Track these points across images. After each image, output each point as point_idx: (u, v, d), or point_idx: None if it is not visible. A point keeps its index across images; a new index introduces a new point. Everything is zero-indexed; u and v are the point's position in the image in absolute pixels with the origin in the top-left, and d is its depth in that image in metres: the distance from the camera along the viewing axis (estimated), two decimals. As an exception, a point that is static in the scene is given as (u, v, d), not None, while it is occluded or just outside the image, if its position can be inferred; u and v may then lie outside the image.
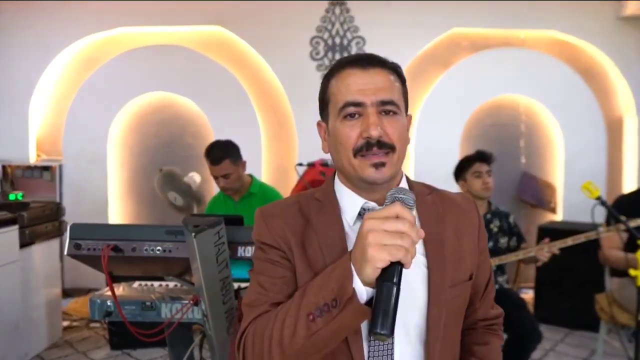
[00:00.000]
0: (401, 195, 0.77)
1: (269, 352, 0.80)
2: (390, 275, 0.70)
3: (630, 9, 4.17)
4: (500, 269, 2.52)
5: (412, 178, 3.47)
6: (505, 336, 2.36)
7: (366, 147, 0.87)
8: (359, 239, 0.73)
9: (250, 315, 0.87)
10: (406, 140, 0.96)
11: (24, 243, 2.90)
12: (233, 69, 4.39)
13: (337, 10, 4.33)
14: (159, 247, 1.69)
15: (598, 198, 2.17)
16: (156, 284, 2.17)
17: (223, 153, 2.51)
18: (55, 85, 4.50)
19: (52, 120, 4.50)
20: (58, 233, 3.32)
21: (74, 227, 1.73)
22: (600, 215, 2.38)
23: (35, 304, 3.08)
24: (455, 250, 0.94)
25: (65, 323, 3.57)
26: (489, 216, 2.55)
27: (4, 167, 4.13)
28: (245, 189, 2.62)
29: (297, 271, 0.89)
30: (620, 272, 2.47)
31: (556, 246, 2.36)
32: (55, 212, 3.28)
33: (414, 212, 0.78)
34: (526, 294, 4.09)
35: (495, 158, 2.66)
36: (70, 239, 1.72)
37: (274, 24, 4.31)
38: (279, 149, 4.39)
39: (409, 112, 0.99)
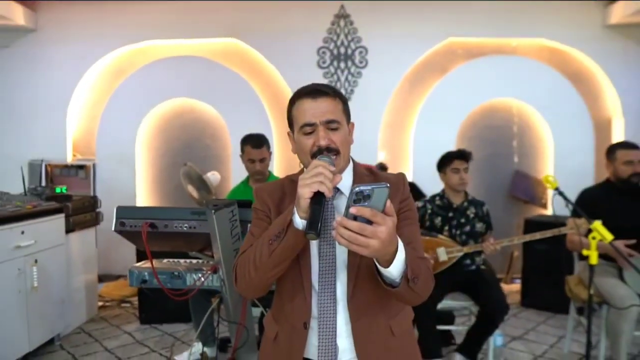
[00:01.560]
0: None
1: (248, 270, 1.18)
2: (316, 201, 1.05)
3: (615, 17, 4.47)
4: (477, 253, 2.86)
5: (410, 175, 3.95)
6: (477, 309, 2.73)
7: (318, 152, 1.21)
8: (297, 191, 1.08)
9: (240, 252, 1.27)
10: (348, 143, 1.28)
11: (68, 230, 3.35)
12: (247, 76, 4.81)
13: (342, 23, 4.73)
14: (185, 224, 2.11)
15: (556, 189, 2.51)
16: (181, 260, 2.57)
17: (263, 141, 2.94)
18: (89, 93, 4.98)
19: (87, 124, 4.98)
20: (94, 222, 3.77)
21: (119, 208, 2.18)
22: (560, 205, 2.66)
23: (76, 283, 3.53)
24: None
25: (99, 303, 4.02)
26: (465, 204, 2.90)
27: (45, 165, 4.60)
28: (264, 180, 3.03)
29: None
30: (586, 256, 2.80)
31: (500, 244, 2.72)
32: (92, 204, 3.74)
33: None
34: (516, 283, 4.41)
35: (473, 157, 2.94)
36: (117, 218, 2.16)
37: (284, 35, 4.71)
38: (289, 148, 4.78)
39: (351, 121, 1.31)
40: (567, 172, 4.35)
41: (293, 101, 1.26)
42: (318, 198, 1.03)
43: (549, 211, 4.64)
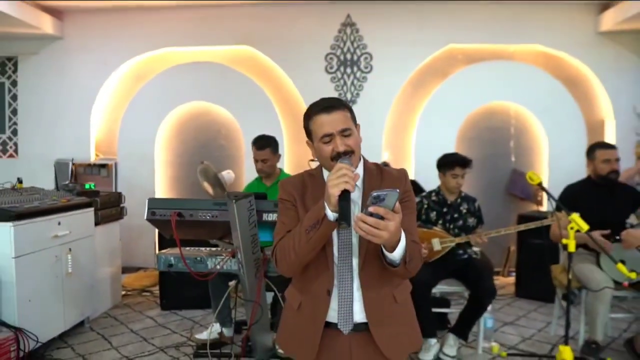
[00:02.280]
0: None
1: (289, 254, 1.42)
2: (343, 198, 1.31)
3: (606, 24, 4.72)
4: (468, 244, 3.13)
5: (412, 173, 4.27)
6: (468, 293, 3.00)
7: (338, 156, 1.44)
8: (326, 188, 1.36)
9: (277, 239, 1.51)
10: (359, 144, 1.52)
11: (96, 222, 3.67)
12: (260, 81, 5.12)
13: (348, 31, 5.02)
14: (209, 214, 2.42)
15: (539, 184, 2.78)
16: (202, 248, 2.87)
17: (267, 143, 3.23)
18: (111, 97, 5.31)
19: (109, 126, 5.32)
20: (119, 217, 4.10)
21: (151, 200, 2.49)
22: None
23: (103, 272, 3.85)
24: None
25: (122, 292, 4.33)
26: (459, 200, 3.17)
27: (72, 164, 4.94)
28: (275, 177, 3.32)
29: (299, 213, 1.52)
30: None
31: (486, 235, 2.98)
32: (117, 199, 4.07)
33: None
34: (513, 276, 4.66)
35: (471, 161, 3.17)
36: (148, 208, 2.47)
37: (294, 43, 5.01)
38: (298, 148, 5.08)
39: (357, 123, 1.54)
40: (561, 171, 4.59)
41: (309, 116, 1.50)
42: (344, 195, 1.29)
43: (543, 207, 4.88)
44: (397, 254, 1.31)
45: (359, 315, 1.46)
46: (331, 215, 1.33)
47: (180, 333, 3.43)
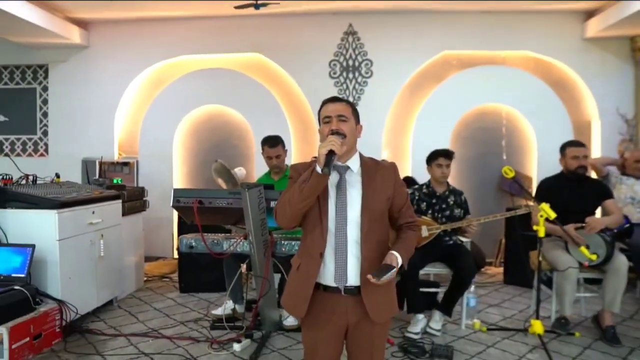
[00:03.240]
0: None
1: (284, 206, 1.71)
2: (329, 156, 1.64)
3: (590, 31, 5.07)
4: (454, 231, 3.51)
5: (409, 171, 4.74)
6: (452, 273, 3.38)
7: (332, 134, 1.76)
8: (318, 151, 1.68)
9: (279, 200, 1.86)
10: (354, 134, 1.84)
11: (123, 213, 4.12)
12: (269, 86, 5.54)
13: (350, 39, 5.43)
14: (225, 201, 2.84)
15: (512, 178, 3.15)
16: (218, 233, 3.28)
17: (279, 141, 3.66)
18: (133, 101, 5.78)
19: (130, 127, 5.78)
20: (142, 209, 4.54)
21: (176, 190, 2.93)
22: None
23: (128, 258, 4.28)
24: (380, 185, 1.84)
25: (144, 278, 4.78)
26: (447, 193, 3.55)
27: (99, 164, 5.39)
28: (283, 172, 3.72)
29: None
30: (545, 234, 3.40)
31: (475, 222, 3.35)
32: (141, 193, 4.51)
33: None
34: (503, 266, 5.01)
35: (455, 154, 3.56)
36: (174, 197, 2.91)
37: (300, 50, 5.43)
38: (304, 148, 5.50)
39: (360, 124, 1.88)
40: (549, 168, 4.82)
41: (321, 105, 1.87)
42: (330, 156, 1.65)
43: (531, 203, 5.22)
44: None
45: (353, 280, 1.72)
46: (319, 170, 1.64)
47: (197, 311, 3.86)
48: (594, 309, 3.78)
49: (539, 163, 5.24)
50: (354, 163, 1.81)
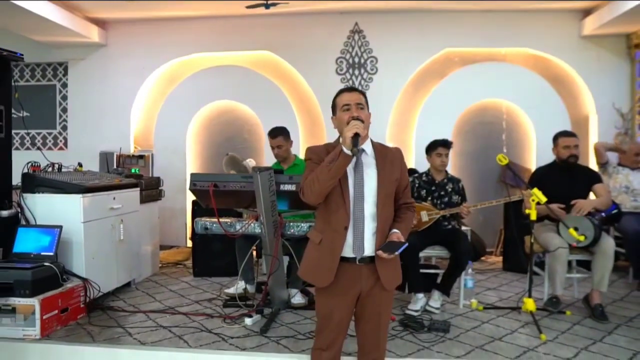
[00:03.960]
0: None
1: (313, 184, 1.87)
2: (355, 138, 1.85)
3: (587, 29, 5.25)
4: (452, 216, 3.73)
5: (412, 163, 5.02)
6: (449, 254, 3.59)
7: (353, 120, 1.96)
8: (343, 134, 1.89)
9: (304, 181, 2.00)
10: (368, 120, 2.05)
11: (141, 201, 4.37)
12: (278, 82, 5.78)
13: (356, 37, 5.66)
14: (238, 185, 3.07)
15: (506, 165, 3.36)
16: (231, 218, 3.50)
17: (279, 132, 3.87)
18: (148, 97, 6.04)
19: (146, 122, 6.05)
20: (157, 198, 4.79)
21: (193, 174, 3.16)
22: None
23: (145, 244, 4.53)
24: (389, 168, 2.05)
25: (159, 265, 5.02)
26: (445, 180, 3.76)
27: (116, 155, 5.66)
28: (291, 161, 3.94)
29: None
30: (540, 219, 3.58)
31: (470, 207, 3.56)
32: (157, 182, 4.76)
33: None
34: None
35: (452, 142, 3.77)
36: (191, 181, 3.14)
37: (308, 48, 5.66)
38: (312, 141, 5.68)
39: (369, 111, 2.08)
40: (547, 161, 5.01)
41: (337, 94, 2.08)
42: (356, 137, 1.85)
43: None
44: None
45: (368, 251, 1.92)
46: (346, 151, 1.82)
47: (210, 292, 4.09)
48: (586, 291, 3.97)
49: (538, 156, 5.42)
50: (367, 146, 2.02)
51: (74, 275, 3.42)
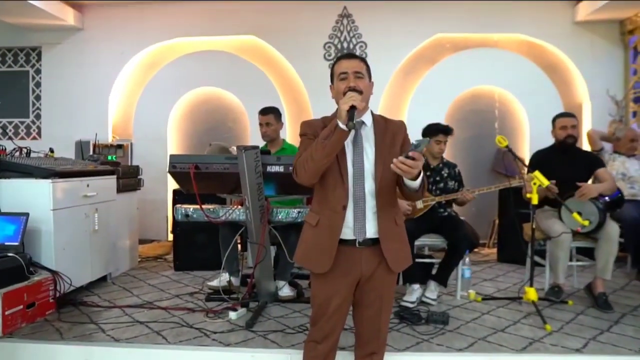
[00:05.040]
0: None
1: (306, 161, 1.70)
2: (351, 111, 1.66)
3: (581, 15, 5.14)
4: (449, 203, 3.54)
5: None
6: (446, 242, 3.41)
7: (349, 91, 1.78)
8: (338, 107, 1.71)
9: (297, 159, 1.82)
10: (368, 91, 1.86)
11: (118, 189, 4.10)
12: (264, 68, 5.55)
13: (345, 22, 5.46)
14: (221, 166, 2.84)
15: (506, 147, 3.19)
16: (215, 205, 3.27)
17: (271, 110, 3.69)
18: (128, 83, 5.76)
19: (125, 110, 5.76)
20: (136, 187, 4.52)
21: (172, 156, 2.93)
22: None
23: (123, 235, 4.27)
24: (391, 140, 1.86)
25: (138, 259, 4.76)
26: (441, 165, 3.58)
27: (94, 144, 5.36)
28: (279, 145, 3.73)
29: None
30: (538, 205, 3.42)
31: (475, 192, 3.39)
32: (135, 171, 4.50)
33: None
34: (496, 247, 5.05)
35: (460, 137, 3.61)
36: (170, 162, 2.90)
37: (295, 33, 5.44)
38: (299, 129, 5.50)
39: (372, 80, 1.89)
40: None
41: (335, 62, 1.90)
42: (352, 111, 1.66)
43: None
44: (417, 183, 1.69)
45: (369, 232, 1.75)
46: (342, 125, 1.65)
47: (192, 286, 3.85)
48: (586, 281, 3.83)
49: (531, 145, 5.29)
50: (367, 118, 1.84)
51: (42, 267, 3.15)
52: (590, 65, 5.25)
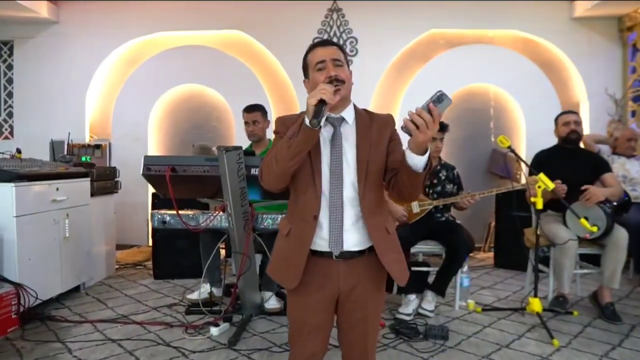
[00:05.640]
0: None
1: (271, 164, 1.51)
2: (319, 107, 1.40)
3: (579, 10, 4.96)
4: (446, 207, 3.33)
5: None
6: (445, 250, 3.20)
7: (329, 82, 1.54)
8: (306, 102, 1.45)
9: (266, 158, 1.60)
10: (349, 80, 1.62)
11: (92, 193, 3.82)
12: (250, 64, 5.30)
13: (335, 16, 5.22)
14: (200, 169, 2.59)
15: (509, 147, 2.98)
16: (195, 210, 3.03)
17: (258, 107, 3.47)
18: (106, 80, 5.46)
19: (103, 108, 5.46)
20: (113, 190, 4.24)
21: (146, 157, 2.67)
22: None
23: (98, 242, 3.99)
24: (376, 138, 1.61)
25: (116, 266, 4.48)
26: (439, 167, 3.37)
27: (69, 144, 5.05)
28: (266, 146, 3.49)
29: None
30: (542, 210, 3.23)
31: (475, 196, 3.17)
32: (112, 173, 4.22)
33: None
34: (493, 251, 4.85)
35: (455, 136, 3.41)
36: (144, 164, 2.64)
37: (283, 27, 5.19)
38: (287, 130, 5.26)
39: (350, 69, 1.65)
40: (537, 150, 4.73)
41: (308, 51, 1.64)
42: (320, 105, 1.40)
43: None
44: (424, 159, 1.40)
45: (349, 245, 1.52)
46: (309, 123, 1.39)
47: (172, 296, 3.59)
48: (589, 289, 3.65)
49: (528, 145, 5.12)
50: (348, 114, 1.59)
51: (4, 279, 2.87)
52: (588, 62, 5.09)
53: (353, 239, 1.53)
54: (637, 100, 5.04)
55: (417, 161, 1.39)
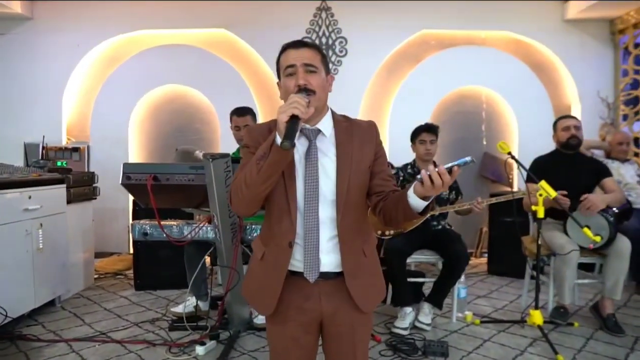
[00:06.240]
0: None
1: (240, 188, 1.35)
2: (291, 122, 1.22)
3: (571, 12, 4.90)
4: (443, 215, 3.21)
5: (388, 156, 4.25)
6: (442, 260, 3.07)
7: (299, 92, 1.37)
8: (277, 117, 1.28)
9: (234, 178, 1.45)
10: (325, 89, 1.46)
11: (68, 200, 3.60)
12: (235, 64, 5.10)
13: (324, 15, 5.06)
14: (184, 177, 2.41)
15: (509, 153, 2.87)
16: (179, 220, 2.84)
17: (248, 111, 3.30)
18: (84, 80, 5.20)
19: (81, 109, 5.20)
20: (91, 196, 4.02)
21: (126, 165, 2.47)
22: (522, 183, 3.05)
23: (75, 252, 3.77)
24: (358, 151, 1.46)
25: (95, 276, 4.25)
26: (434, 172, 3.24)
27: (43, 147, 4.80)
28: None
29: None
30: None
31: (487, 202, 3.06)
32: (90, 178, 3.99)
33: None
34: (486, 257, 4.75)
35: (437, 127, 3.26)
36: (123, 173, 2.45)
37: (270, 27, 5.01)
38: (275, 133, 5.09)
39: (330, 74, 1.50)
40: (530, 153, 4.56)
41: (281, 52, 1.47)
42: (293, 121, 1.23)
43: (515, 188, 5.00)
44: (426, 203, 1.30)
45: (327, 267, 1.40)
46: (280, 144, 1.23)
47: (155, 310, 3.39)
48: (587, 297, 3.58)
49: (520, 148, 5.03)
50: (325, 125, 1.43)
51: (-30, 297, 2.65)
52: (580, 65, 5.03)
53: (330, 260, 1.39)
54: (629, 103, 5.00)
55: (420, 205, 1.30)
